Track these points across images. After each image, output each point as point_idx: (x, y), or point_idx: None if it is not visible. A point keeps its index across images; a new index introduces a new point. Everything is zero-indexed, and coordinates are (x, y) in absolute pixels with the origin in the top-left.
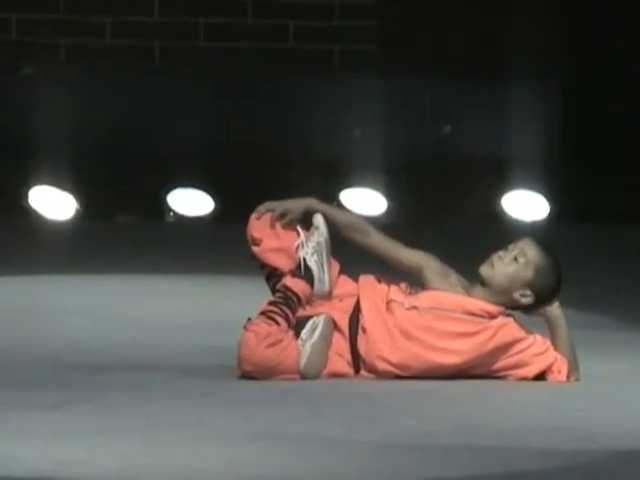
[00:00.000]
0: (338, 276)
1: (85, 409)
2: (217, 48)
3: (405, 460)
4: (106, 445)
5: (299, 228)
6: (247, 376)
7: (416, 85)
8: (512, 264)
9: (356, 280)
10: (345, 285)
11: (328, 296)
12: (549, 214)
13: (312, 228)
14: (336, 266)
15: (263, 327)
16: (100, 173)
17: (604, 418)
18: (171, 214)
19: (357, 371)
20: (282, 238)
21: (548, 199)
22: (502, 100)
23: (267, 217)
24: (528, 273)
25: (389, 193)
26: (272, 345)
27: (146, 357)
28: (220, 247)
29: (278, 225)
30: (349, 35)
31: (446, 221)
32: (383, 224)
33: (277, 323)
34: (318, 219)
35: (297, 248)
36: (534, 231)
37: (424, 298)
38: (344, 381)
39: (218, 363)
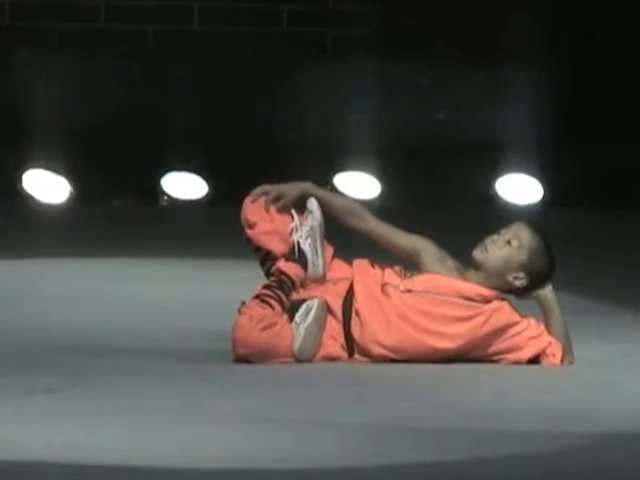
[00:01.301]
0: (332, 260)
1: (80, 392)
2: (211, 32)
3: (399, 444)
4: (101, 428)
5: (293, 212)
6: (241, 359)
7: (410, 69)
8: (505, 247)
9: (350, 264)
10: (339, 269)
11: (322, 280)
12: (543, 198)
13: (306, 212)
14: (330, 250)
15: (257, 310)
16: (94, 157)
17: (598, 401)
18: (165, 198)
19: (351, 354)
20: (276, 221)
21: (542, 183)
22: (497, 84)
23: (262, 200)
24: (521, 256)
25: (383, 177)
26: (266, 328)
27: (141, 341)
28: (214, 231)
29: (272, 208)
30: (343, 19)
31: (440, 205)
32: (377, 208)
33: (271, 307)
34: (312, 203)
35: (291, 232)
36: (528, 215)
37: (420, 281)
38: (339, 365)
39: (213, 347)
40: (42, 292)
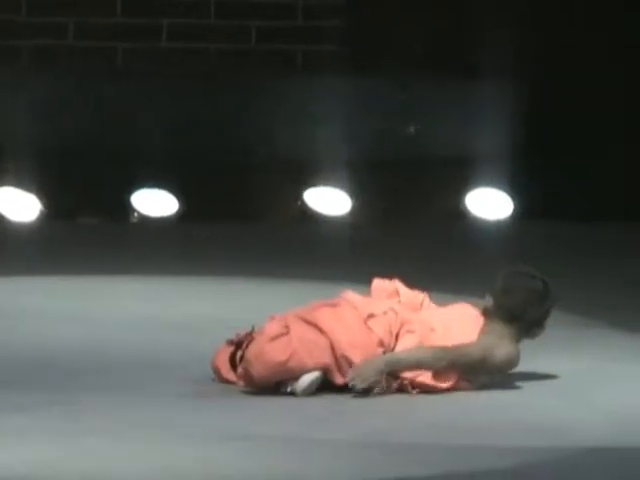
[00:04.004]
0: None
1: (56, 410)
2: (180, 49)
3: (370, 459)
4: (77, 446)
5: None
6: (260, 384)
7: (380, 85)
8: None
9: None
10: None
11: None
12: (513, 212)
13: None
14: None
15: (268, 327)
16: (64, 174)
17: (569, 415)
18: (135, 215)
19: None
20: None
21: (512, 197)
22: (466, 99)
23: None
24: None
25: (353, 192)
26: (274, 339)
27: (116, 358)
28: (185, 247)
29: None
30: (312, 35)
31: (410, 220)
32: (347, 223)
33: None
34: (304, 381)
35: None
36: (497, 229)
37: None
38: None
39: (185, 364)
40: (13, 310)
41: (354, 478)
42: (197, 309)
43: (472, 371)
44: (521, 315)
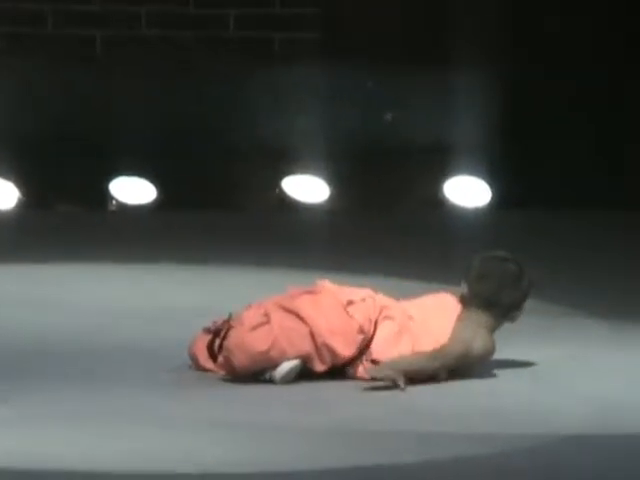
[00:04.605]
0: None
1: (33, 398)
2: (158, 36)
3: (351, 446)
4: (56, 434)
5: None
6: (241, 374)
7: (357, 72)
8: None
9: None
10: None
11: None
12: (491, 200)
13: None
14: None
15: (247, 316)
16: (42, 162)
17: (549, 402)
18: (114, 203)
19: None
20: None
21: (490, 185)
22: (444, 87)
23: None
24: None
25: (331, 180)
26: (256, 327)
27: (93, 345)
28: (163, 235)
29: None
30: (291, 23)
31: (388, 208)
32: (325, 211)
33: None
34: (283, 368)
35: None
36: (476, 217)
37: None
38: None
39: (165, 351)
40: None
41: (333, 465)
42: (175, 297)
43: (457, 367)
44: (497, 300)
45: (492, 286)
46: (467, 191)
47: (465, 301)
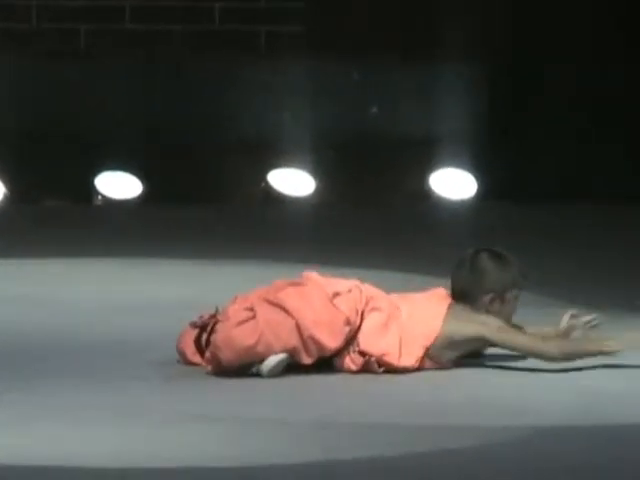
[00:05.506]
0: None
1: (17, 395)
2: (143, 30)
3: (339, 440)
4: (39, 430)
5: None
6: (226, 369)
7: (343, 66)
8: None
9: None
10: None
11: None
12: (477, 192)
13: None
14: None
15: (233, 311)
16: (27, 157)
17: (532, 394)
18: (99, 197)
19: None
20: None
21: (476, 177)
22: (430, 80)
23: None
24: None
25: (317, 173)
26: (241, 323)
27: (80, 341)
28: (149, 229)
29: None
30: (276, 16)
31: (374, 201)
32: (311, 204)
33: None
34: (270, 361)
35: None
36: (461, 209)
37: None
38: None
39: (152, 346)
40: None
41: (321, 458)
42: (162, 291)
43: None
44: (481, 294)
45: (478, 282)
46: (453, 183)
47: (454, 297)
